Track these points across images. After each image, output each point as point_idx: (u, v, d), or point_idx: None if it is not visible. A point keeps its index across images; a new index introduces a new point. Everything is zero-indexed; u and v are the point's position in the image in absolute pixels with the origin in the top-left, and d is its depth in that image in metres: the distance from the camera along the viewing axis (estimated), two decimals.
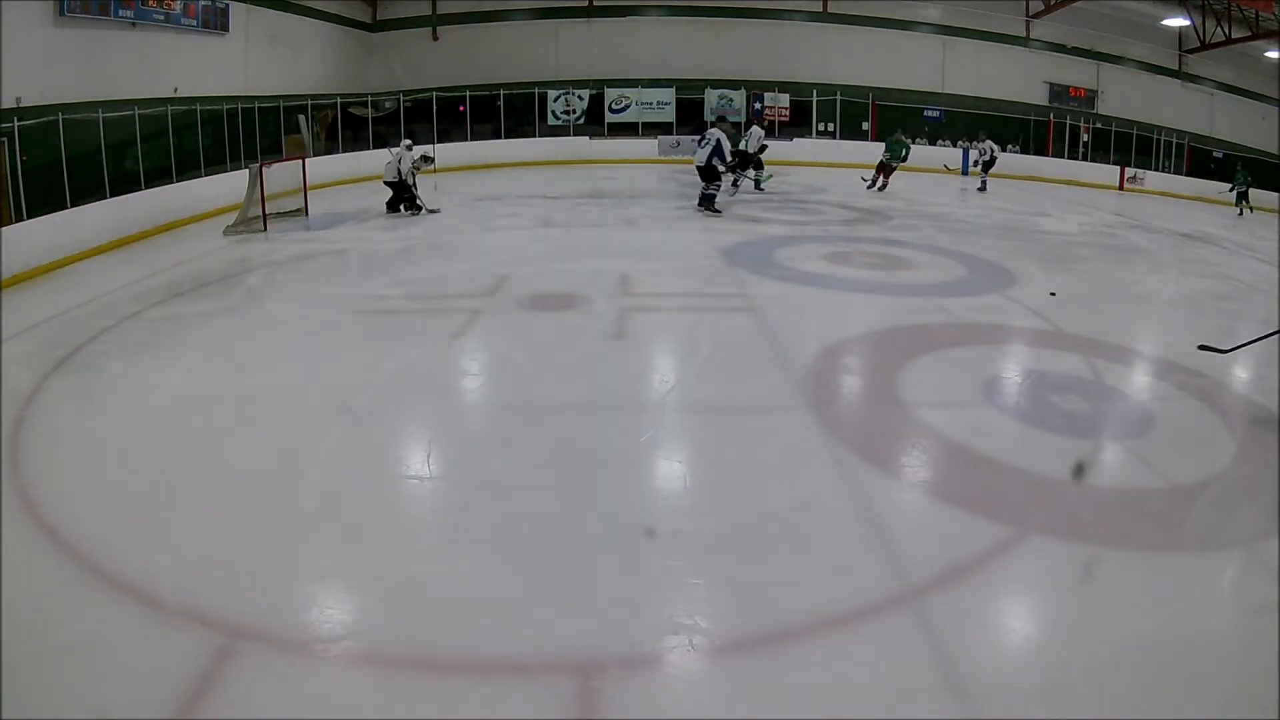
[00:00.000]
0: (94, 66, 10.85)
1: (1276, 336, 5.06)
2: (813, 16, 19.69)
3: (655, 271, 7.62)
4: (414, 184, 10.80)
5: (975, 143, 16.29)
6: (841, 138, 19.59)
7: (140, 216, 9.57)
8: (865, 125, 19.84)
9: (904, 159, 14.28)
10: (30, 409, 4.33)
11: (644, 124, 19.31)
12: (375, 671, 2.37)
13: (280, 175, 10.22)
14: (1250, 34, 18.37)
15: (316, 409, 4.31)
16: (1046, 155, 19.56)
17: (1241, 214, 16.64)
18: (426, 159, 11.05)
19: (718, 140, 10.39)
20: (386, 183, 10.87)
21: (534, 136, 18.64)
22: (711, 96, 19.48)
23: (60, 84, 10.22)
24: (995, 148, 15.83)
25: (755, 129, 13.93)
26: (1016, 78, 20.07)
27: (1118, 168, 18.72)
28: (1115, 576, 2.89)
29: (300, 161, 11.22)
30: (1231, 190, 17.06)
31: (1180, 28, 19.79)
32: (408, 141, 11.21)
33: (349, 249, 8.84)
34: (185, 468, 3.64)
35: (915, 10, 19.70)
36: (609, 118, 19.29)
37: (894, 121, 19.33)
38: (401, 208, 10.85)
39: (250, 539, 3.05)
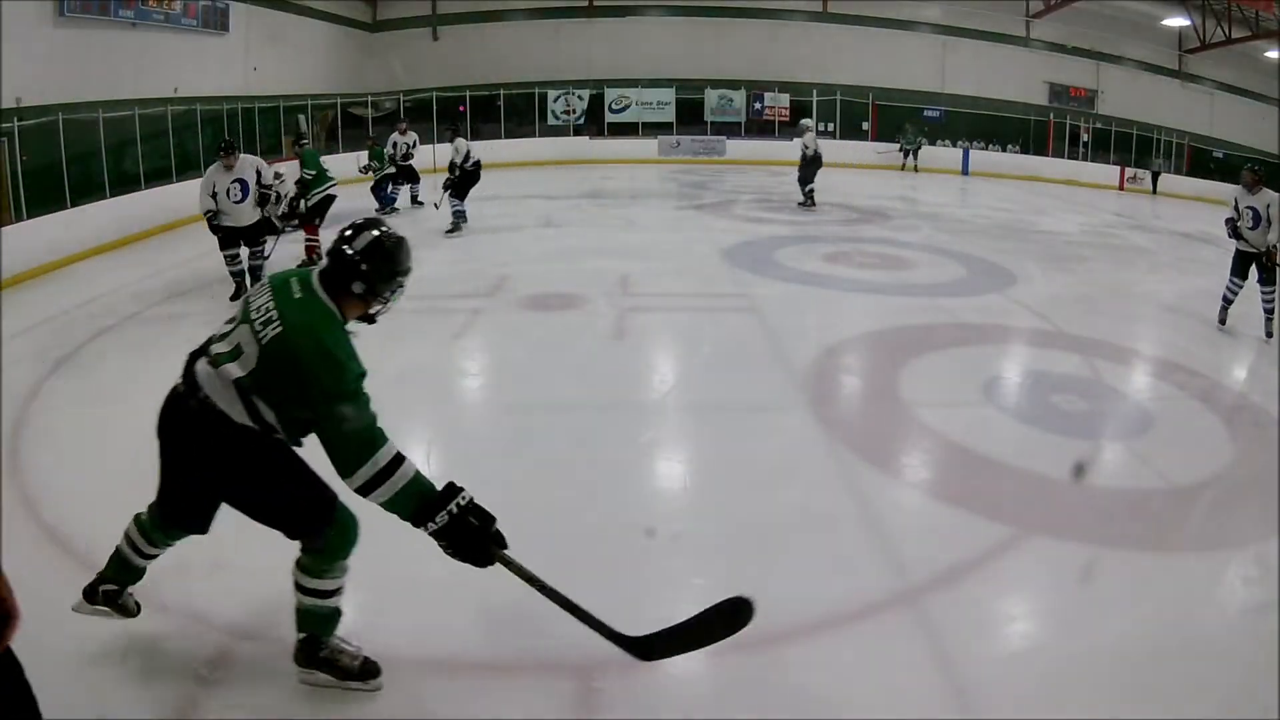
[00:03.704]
0: (94, 66, 10.85)
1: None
2: (813, 16, 19.68)
3: (655, 271, 7.62)
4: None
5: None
6: (841, 138, 19.58)
7: (140, 216, 9.57)
8: (865, 125, 19.84)
9: None
10: (30, 409, 4.33)
11: (644, 124, 19.31)
12: None
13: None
14: (1250, 34, 18.36)
15: None
16: (1046, 155, 19.56)
17: (904, 168, 17.98)
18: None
19: (258, 172, 6.49)
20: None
21: (534, 136, 18.64)
22: (711, 96, 19.49)
23: (60, 84, 10.21)
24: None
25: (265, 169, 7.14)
26: (1016, 78, 20.06)
27: (1117, 168, 18.72)
28: (1115, 576, 2.89)
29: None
30: (900, 150, 18.19)
31: (1180, 28, 19.77)
32: (277, 170, 7.39)
33: None
34: None
35: (915, 10, 19.69)
36: (609, 118, 19.30)
37: (894, 121, 19.35)
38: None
39: (251, 539, 3.04)
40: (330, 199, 8.08)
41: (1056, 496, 3.50)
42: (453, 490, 2.04)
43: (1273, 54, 18.57)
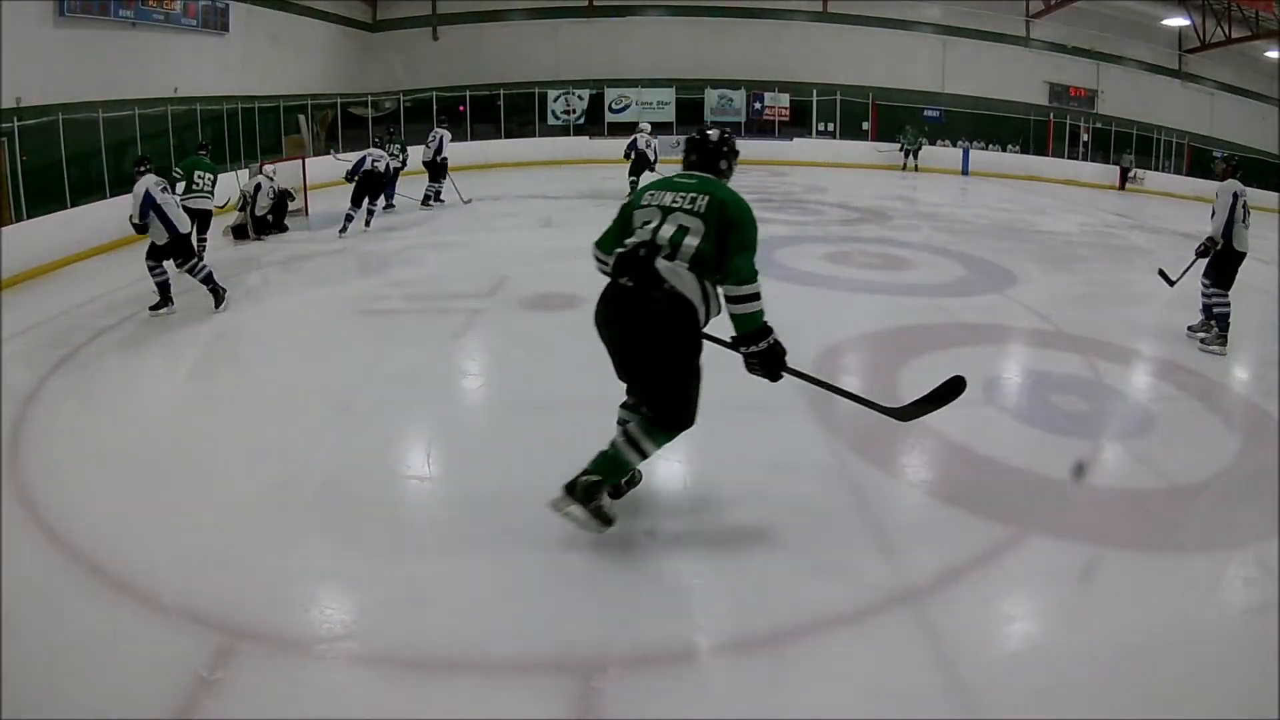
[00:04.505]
0: (94, 66, 10.86)
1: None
2: (813, 16, 19.69)
3: None
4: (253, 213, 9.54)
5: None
6: (841, 138, 19.60)
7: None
8: (865, 125, 19.84)
9: None
10: (30, 409, 4.33)
11: None
12: (375, 672, 2.37)
13: (280, 175, 10.22)
14: (1250, 34, 18.38)
15: (316, 409, 4.31)
16: (1046, 155, 19.56)
17: (905, 168, 18.35)
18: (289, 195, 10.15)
19: (146, 192, 6.15)
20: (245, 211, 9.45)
21: (534, 136, 18.64)
22: (711, 96, 19.50)
23: (60, 84, 10.22)
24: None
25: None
26: (1016, 78, 20.07)
27: (1117, 168, 18.72)
28: (1115, 576, 2.89)
29: (300, 161, 11.23)
30: (901, 149, 18.50)
31: (1180, 28, 19.79)
32: (272, 168, 10.11)
33: (349, 249, 8.84)
34: (185, 467, 3.64)
35: (915, 10, 19.70)
36: (609, 118, 19.29)
37: (894, 121, 19.35)
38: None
39: (250, 539, 3.05)
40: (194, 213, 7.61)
41: (1056, 496, 3.50)
42: (770, 327, 2.79)
43: (1273, 54, 18.58)
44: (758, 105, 19.65)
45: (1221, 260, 5.77)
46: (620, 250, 2.84)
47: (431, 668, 2.38)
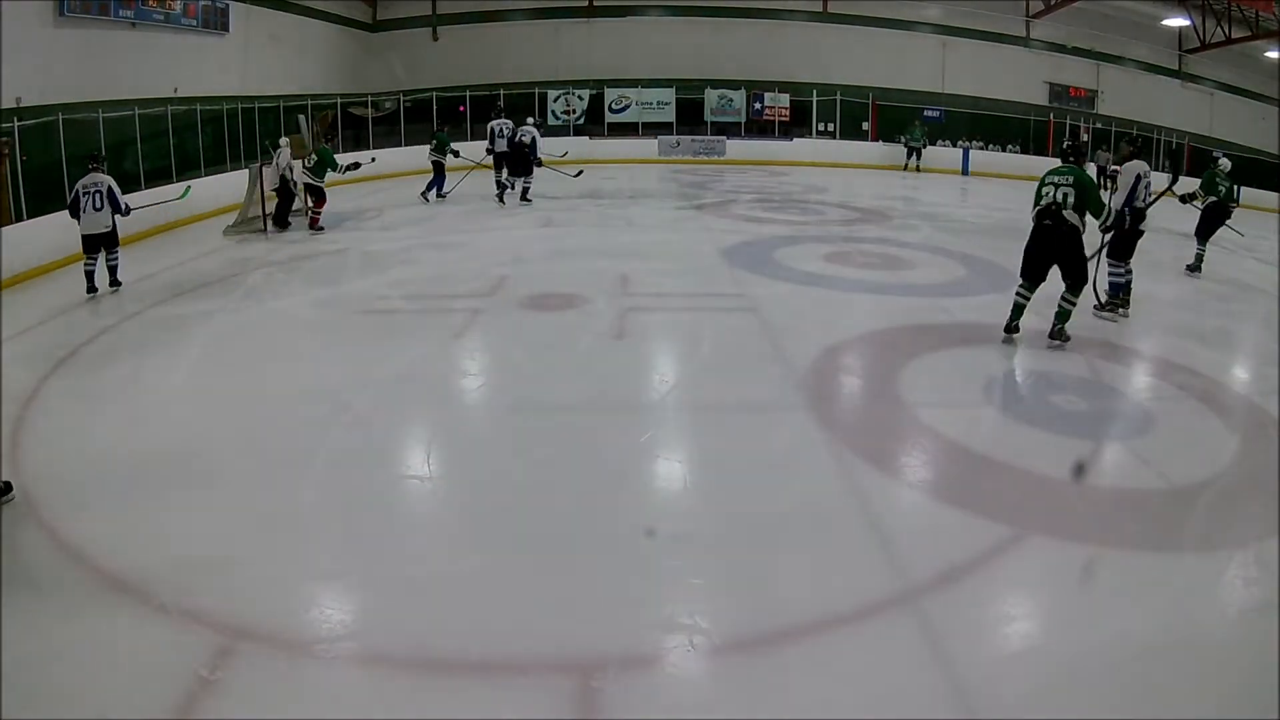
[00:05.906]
0: (94, 66, 10.85)
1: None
2: (813, 16, 19.67)
3: (655, 271, 7.62)
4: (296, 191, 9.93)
5: None
6: (841, 138, 19.59)
7: (140, 217, 9.55)
8: (865, 125, 19.83)
9: None
10: (30, 409, 4.33)
11: (644, 124, 19.30)
12: (375, 672, 2.37)
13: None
14: (1250, 34, 18.37)
15: (316, 409, 4.31)
16: (1046, 155, 19.53)
17: (906, 168, 18.21)
18: (356, 165, 10.43)
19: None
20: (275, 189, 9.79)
21: None
22: (711, 96, 19.48)
23: (60, 84, 10.21)
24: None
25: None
26: (1016, 78, 20.05)
27: (1118, 168, 18.68)
28: (1115, 576, 2.89)
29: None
30: (905, 145, 18.31)
31: (1180, 28, 19.77)
32: (286, 140, 10.34)
33: (349, 249, 8.84)
34: (185, 468, 3.64)
35: (915, 10, 19.68)
36: (609, 118, 19.28)
37: (894, 121, 19.33)
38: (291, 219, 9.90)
39: (250, 539, 3.05)
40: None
41: (1056, 496, 3.51)
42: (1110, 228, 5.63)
43: (1273, 54, 18.57)
44: (758, 105, 19.64)
45: (1121, 235, 6.14)
46: (1038, 207, 5.24)
47: (431, 668, 2.39)
